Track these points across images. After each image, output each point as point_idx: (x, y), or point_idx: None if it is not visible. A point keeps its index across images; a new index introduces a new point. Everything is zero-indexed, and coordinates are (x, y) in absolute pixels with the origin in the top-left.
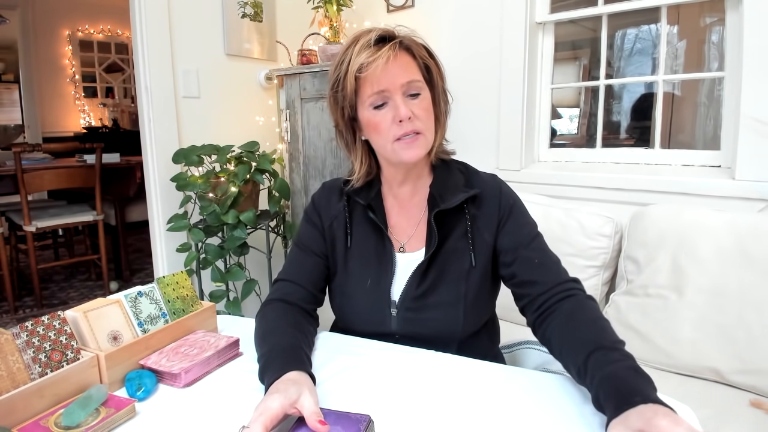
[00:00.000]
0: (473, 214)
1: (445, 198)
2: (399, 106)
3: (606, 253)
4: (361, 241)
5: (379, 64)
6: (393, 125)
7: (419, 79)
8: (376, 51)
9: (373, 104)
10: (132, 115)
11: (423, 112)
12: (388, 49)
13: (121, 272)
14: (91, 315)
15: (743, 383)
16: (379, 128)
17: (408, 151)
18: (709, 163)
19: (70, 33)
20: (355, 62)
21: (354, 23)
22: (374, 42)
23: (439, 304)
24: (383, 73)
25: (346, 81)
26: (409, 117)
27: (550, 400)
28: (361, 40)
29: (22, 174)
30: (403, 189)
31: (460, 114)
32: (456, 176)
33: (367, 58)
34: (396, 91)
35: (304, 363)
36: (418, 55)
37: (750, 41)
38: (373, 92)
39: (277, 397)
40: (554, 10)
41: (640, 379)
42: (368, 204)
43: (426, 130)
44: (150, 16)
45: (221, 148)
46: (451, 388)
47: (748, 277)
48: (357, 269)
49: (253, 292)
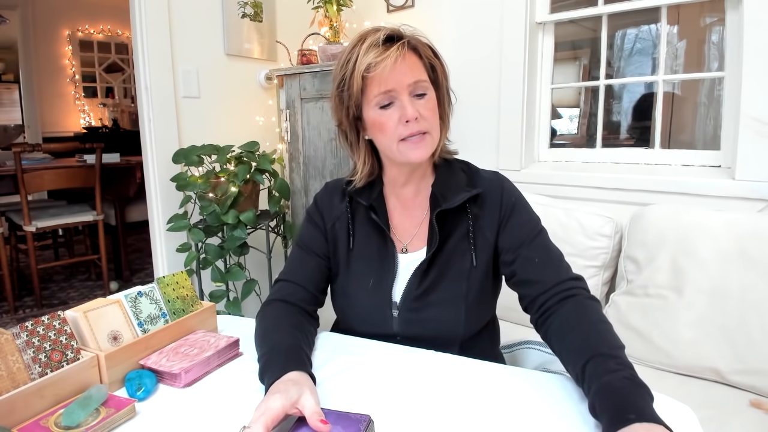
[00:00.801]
0: (475, 214)
1: (448, 197)
2: (406, 106)
3: (606, 253)
4: (364, 242)
5: (388, 64)
6: (399, 125)
7: (425, 79)
8: (385, 51)
9: (380, 104)
10: (132, 115)
11: (429, 112)
12: (396, 49)
13: (121, 272)
14: (91, 315)
15: (743, 383)
16: (384, 128)
17: (414, 151)
18: (709, 163)
19: (70, 33)
20: (363, 62)
21: (354, 23)
22: (382, 41)
23: (439, 302)
24: (391, 73)
25: (352, 80)
26: (416, 117)
27: (550, 400)
28: (369, 39)
29: (22, 174)
30: (406, 189)
31: (460, 114)
32: (458, 176)
33: (375, 57)
34: (403, 91)
35: (305, 363)
36: (424, 55)
37: (750, 41)
38: (380, 92)
39: (278, 398)
40: (554, 10)
41: (636, 390)
42: (370, 205)
43: (432, 130)
44: (150, 16)
45: (221, 148)
46: (451, 388)
47: (749, 277)
48: (359, 270)
49: (253, 292)
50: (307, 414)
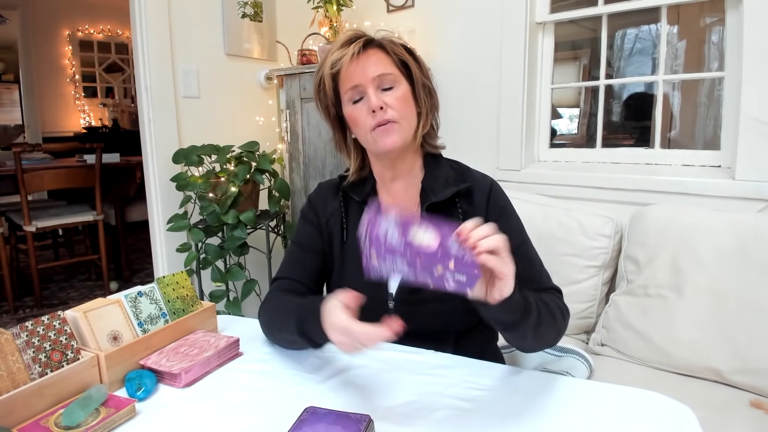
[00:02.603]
0: (465, 210)
1: (437, 191)
2: (371, 97)
3: (606, 253)
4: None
5: (347, 58)
6: (369, 117)
7: (391, 72)
8: (345, 47)
9: (352, 99)
10: (132, 115)
11: (396, 102)
12: (354, 45)
13: (121, 272)
14: (91, 315)
15: (743, 383)
16: (357, 121)
17: (384, 138)
18: (709, 163)
19: (70, 33)
20: (328, 61)
21: (354, 23)
22: (345, 42)
23: (435, 296)
24: (355, 69)
25: (323, 80)
26: (381, 107)
27: (550, 400)
28: (337, 43)
29: (22, 174)
30: (396, 185)
31: (460, 114)
32: (447, 171)
33: (338, 55)
34: (368, 84)
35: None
36: (391, 51)
37: (750, 41)
38: (349, 88)
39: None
40: (554, 10)
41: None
42: (363, 200)
43: (401, 119)
44: (150, 16)
45: (221, 148)
46: (451, 388)
47: (748, 277)
48: (354, 264)
49: (253, 292)
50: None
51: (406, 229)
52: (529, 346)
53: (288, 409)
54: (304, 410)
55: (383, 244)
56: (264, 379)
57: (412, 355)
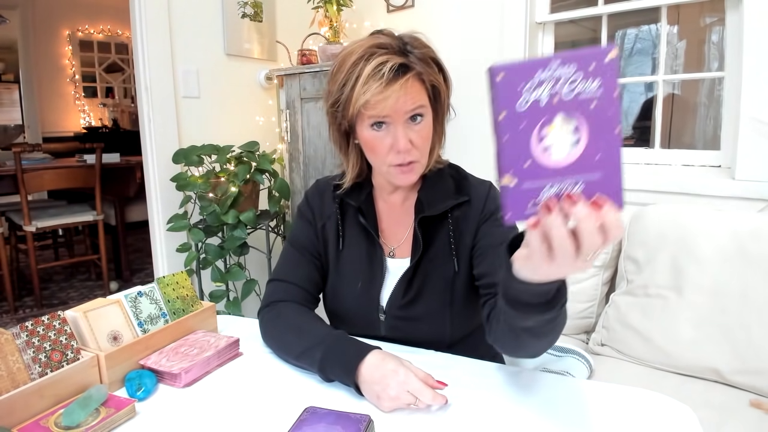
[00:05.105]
0: (456, 217)
1: (433, 204)
2: (399, 138)
3: (606, 253)
4: (353, 243)
5: (388, 104)
6: (391, 152)
7: (424, 104)
8: (386, 88)
9: (373, 123)
10: (132, 115)
11: (421, 140)
12: (399, 87)
13: (121, 272)
14: (91, 315)
15: (743, 383)
16: (376, 150)
17: (402, 177)
18: (709, 163)
19: (70, 33)
20: (361, 98)
21: (354, 23)
22: (377, 66)
23: (425, 314)
24: (387, 100)
25: (347, 109)
26: (408, 149)
27: (550, 400)
28: (372, 64)
29: (22, 174)
30: (394, 196)
31: (460, 115)
32: (446, 182)
33: (375, 95)
34: (399, 120)
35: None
36: (427, 79)
37: (750, 41)
38: (374, 114)
39: (410, 367)
40: (554, 10)
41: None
42: (359, 207)
43: (422, 158)
44: (150, 16)
45: (221, 148)
46: (451, 388)
47: (748, 277)
48: (348, 272)
49: (253, 292)
50: (422, 377)
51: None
52: (531, 346)
53: (288, 409)
54: (304, 410)
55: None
56: (264, 379)
57: (411, 355)
